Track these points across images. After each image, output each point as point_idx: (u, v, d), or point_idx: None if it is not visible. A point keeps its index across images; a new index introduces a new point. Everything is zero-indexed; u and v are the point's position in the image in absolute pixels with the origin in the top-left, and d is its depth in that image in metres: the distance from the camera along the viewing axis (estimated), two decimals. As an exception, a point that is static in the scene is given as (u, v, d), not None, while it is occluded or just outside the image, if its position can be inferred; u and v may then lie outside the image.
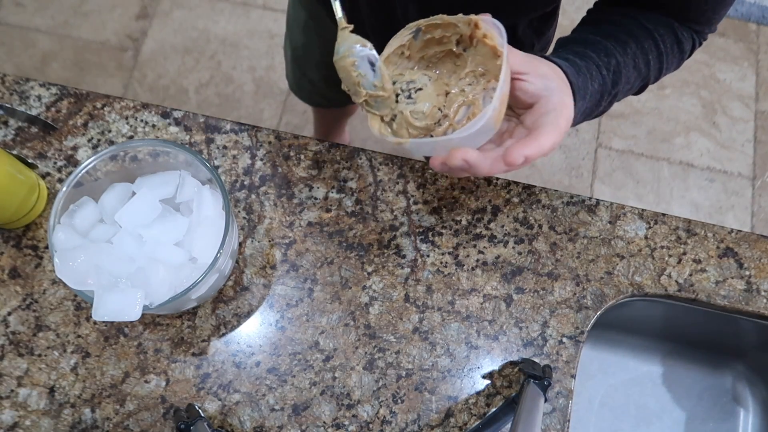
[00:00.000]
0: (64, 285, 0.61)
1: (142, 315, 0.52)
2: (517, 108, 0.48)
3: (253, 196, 0.67)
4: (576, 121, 0.51)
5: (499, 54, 0.45)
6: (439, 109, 0.47)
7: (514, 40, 0.68)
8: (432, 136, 0.47)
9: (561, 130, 0.45)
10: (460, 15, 0.46)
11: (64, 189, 0.55)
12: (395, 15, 0.62)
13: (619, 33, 0.55)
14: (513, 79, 0.46)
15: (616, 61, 0.53)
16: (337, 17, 0.47)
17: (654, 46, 0.55)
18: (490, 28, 0.45)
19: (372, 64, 0.46)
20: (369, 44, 0.46)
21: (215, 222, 0.57)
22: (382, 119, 0.49)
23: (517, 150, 0.43)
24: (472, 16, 0.45)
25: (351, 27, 0.47)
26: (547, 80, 0.46)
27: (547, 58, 0.49)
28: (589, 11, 0.61)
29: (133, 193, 0.58)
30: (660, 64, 0.57)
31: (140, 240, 0.56)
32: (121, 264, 0.54)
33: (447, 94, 0.48)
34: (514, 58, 0.46)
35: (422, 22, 0.47)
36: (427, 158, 0.54)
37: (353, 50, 0.46)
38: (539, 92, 0.46)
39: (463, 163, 0.44)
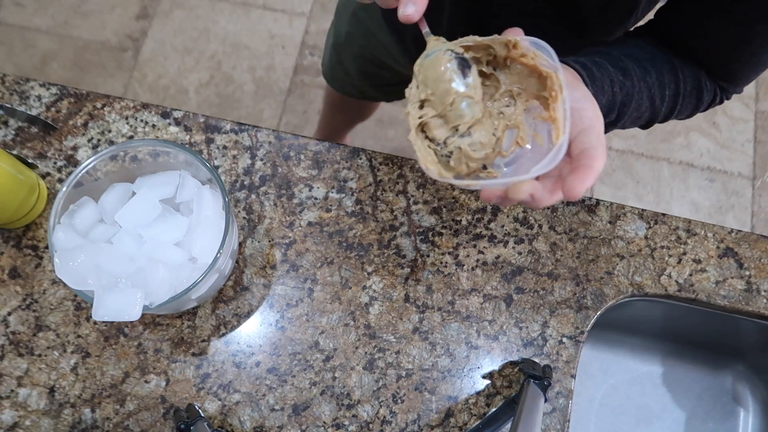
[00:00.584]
0: (64, 285, 0.61)
1: (142, 315, 0.52)
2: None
3: (253, 196, 0.67)
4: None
5: (544, 74, 0.41)
6: (493, 134, 0.43)
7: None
8: (485, 167, 0.43)
9: (605, 146, 0.42)
10: (496, 36, 0.43)
11: (64, 189, 0.55)
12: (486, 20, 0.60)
13: (644, 59, 0.53)
14: None
15: (631, 84, 0.50)
16: (423, 32, 0.44)
17: (674, 83, 0.53)
18: (529, 47, 0.42)
19: (463, 67, 0.42)
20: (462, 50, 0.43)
21: (215, 222, 0.57)
22: (438, 158, 0.43)
23: (577, 182, 0.39)
24: (510, 37, 0.42)
25: (442, 39, 0.44)
26: (577, 91, 0.43)
27: (562, 60, 0.46)
28: (626, 33, 0.59)
29: (133, 193, 0.58)
30: (674, 104, 0.55)
31: (140, 240, 0.56)
32: (121, 264, 0.54)
33: (490, 116, 0.44)
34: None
35: (453, 44, 0.43)
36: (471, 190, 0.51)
37: (447, 53, 0.42)
38: (574, 106, 0.43)
39: (529, 197, 0.40)
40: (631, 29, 0.60)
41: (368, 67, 0.93)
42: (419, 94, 0.43)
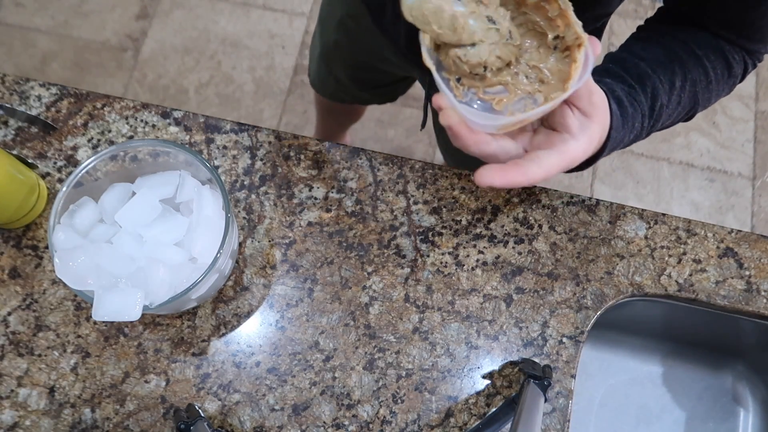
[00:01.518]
0: (64, 285, 0.61)
1: (142, 315, 0.52)
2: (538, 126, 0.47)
3: (253, 196, 0.67)
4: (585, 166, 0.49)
5: (566, 88, 0.41)
6: (498, 56, 0.42)
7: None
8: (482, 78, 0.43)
9: (569, 159, 0.44)
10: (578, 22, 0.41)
11: (64, 189, 0.55)
12: None
13: (670, 61, 0.52)
14: (565, 103, 0.44)
15: (660, 104, 0.50)
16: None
17: (704, 75, 0.53)
18: (583, 56, 0.41)
19: None
20: None
21: (215, 222, 0.57)
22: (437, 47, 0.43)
23: (512, 173, 0.42)
24: (584, 35, 0.41)
25: None
26: (588, 122, 0.44)
27: (610, 100, 0.46)
28: (639, 28, 0.59)
29: (133, 193, 0.58)
30: (709, 93, 0.54)
31: (140, 240, 0.56)
32: (121, 264, 0.54)
33: (509, 65, 0.43)
34: (585, 84, 0.43)
35: None
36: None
37: None
38: (571, 129, 0.44)
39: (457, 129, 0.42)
40: (643, 23, 0.59)
41: (360, 73, 0.93)
42: (428, 39, 0.42)
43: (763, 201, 1.64)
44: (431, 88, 0.78)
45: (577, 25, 0.41)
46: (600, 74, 0.53)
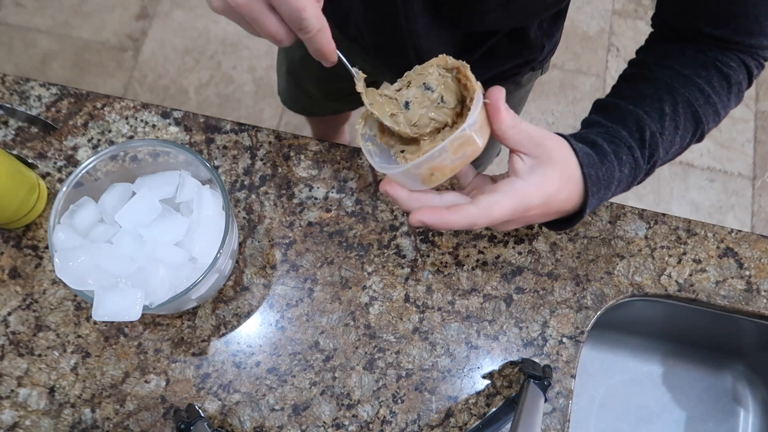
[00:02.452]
0: (64, 285, 0.61)
1: (142, 315, 0.52)
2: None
3: (253, 196, 0.67)
4: (594, 206, 0.49)
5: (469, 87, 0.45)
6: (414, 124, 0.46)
7: (526, 44, 0.67)
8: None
9: (523, 208, 0.44)
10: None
11: (64, 189, 0.55)
12: (397, 18, 0.61)
13: (655, 90, 0.51)
14: (511, 152, 0.46)
15: (650, 133, 0.49)
16: (352, 72, 0.46)
17: (699, 92, 0.51)
18: (477, 101, 0.43)
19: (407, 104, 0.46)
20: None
21: (215, 222, 0.57)
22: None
23: (448, 214, 0.44)
24: (476, 85, 0.44)
25: (365, 76, 0.48)
26: (538, 164, 0.45)
27: (572, 141, 0.47)
28: (629, 63, 0.58)
29: (133, 193, 0.58)
30: (712, 107, 0.52)
31: (140, 240, 0.56)
32: (121, 264, 0.54)
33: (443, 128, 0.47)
34: (520, 133, 0.44)
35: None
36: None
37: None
38: (518, 171, 0.45)
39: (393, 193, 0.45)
40: (635, 55, 0.58)
41: (329, 84, 0.93)
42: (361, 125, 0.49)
43: (763, 201, 1.64)
44: None
45: (471, 79, 0.44)
46: (584, 127, 0.53)
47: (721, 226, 0.69)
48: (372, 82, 0.95)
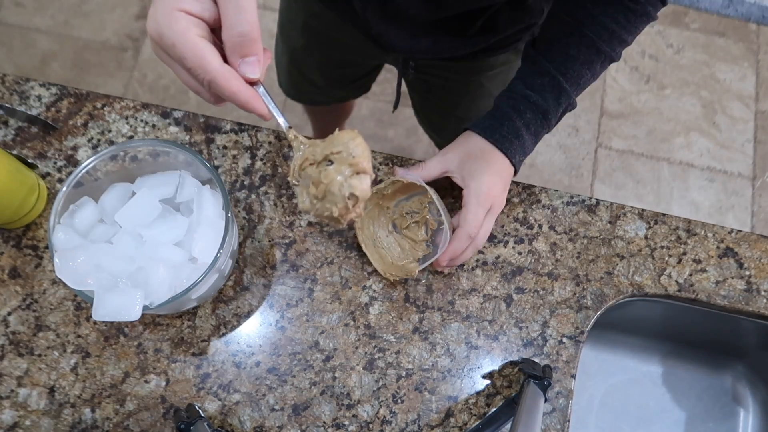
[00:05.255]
0: (64, 285, 0.61)
1: (142, 315, 0.52)
2: None
3: (253, 196, 0.67)
4: (521, 152, 0.62)
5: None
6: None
7: (526, 10, 0.68)
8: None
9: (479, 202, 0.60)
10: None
11: (64, 189, 0.55)
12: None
13: (565, 38, 0.60)
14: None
15: (551, 77, 0.60)
16: (284, 128, 0.46)
17: (603, 29, 0.59)
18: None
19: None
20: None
21: (215, 222, 0.57)
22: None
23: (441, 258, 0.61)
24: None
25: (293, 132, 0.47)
26: (468, 168, 0.61)
27: (471, 126, 0.63)
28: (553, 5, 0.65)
29: (133, 193, 0.58)
30: (618, 38, 0.60)
31: (140, 240, 0.56)
32: (121, 264, 0.54)
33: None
34: (431, 169, 0.63)
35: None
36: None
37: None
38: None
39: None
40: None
41: (332, 70, 0.93)
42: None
43: (763, 201, 1.64)
44: (404, 68, 0.82)
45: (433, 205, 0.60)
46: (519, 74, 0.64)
47: (721, 226, 0.69)
48: (375, 68, 0.96)
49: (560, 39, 0.61)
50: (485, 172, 0.60)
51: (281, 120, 0.44)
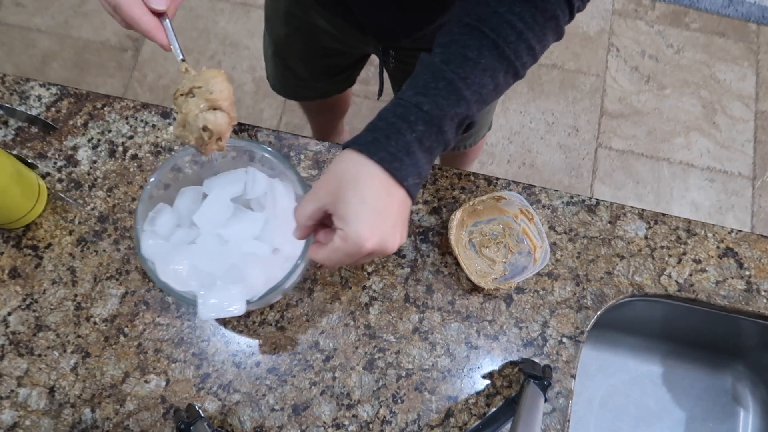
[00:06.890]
0: (161, 290, 0.61)
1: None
2: None
3: (253, 196, 0.67)
4: (413, 171, 0.48)
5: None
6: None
7: None
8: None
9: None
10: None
11: (143, 201, 0.57)
12: None
13: (462, 38, 0.51)
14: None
15: (447, 81, 0.49)
16: (178, 60, 0.51)
17: (510, 29, 0.50)
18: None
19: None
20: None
21: (291, 213, 0.57)
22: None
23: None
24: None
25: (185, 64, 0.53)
26: (344, 198, 0.46)
27: (351, 144, 0.48)
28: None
29: (205, 195, 0.60)
30: (526, 42, 0.51)
31: (222, 239, 0.58)
32: (215, 263, 0.56)
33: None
34: (305, 209, 0.48)
35: None
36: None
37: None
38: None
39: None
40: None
41: (316, 61, 0.93)
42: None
43: (763, 201, 1.64)
44: (385, 56, 0.79)
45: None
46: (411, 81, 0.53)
47: (721, 226, 0.69)
48: (359, 59, 0.96)
49: (458, 40, 0.50)
50: (365, 211, 0.46)
51: (178, 52, 0.51)
